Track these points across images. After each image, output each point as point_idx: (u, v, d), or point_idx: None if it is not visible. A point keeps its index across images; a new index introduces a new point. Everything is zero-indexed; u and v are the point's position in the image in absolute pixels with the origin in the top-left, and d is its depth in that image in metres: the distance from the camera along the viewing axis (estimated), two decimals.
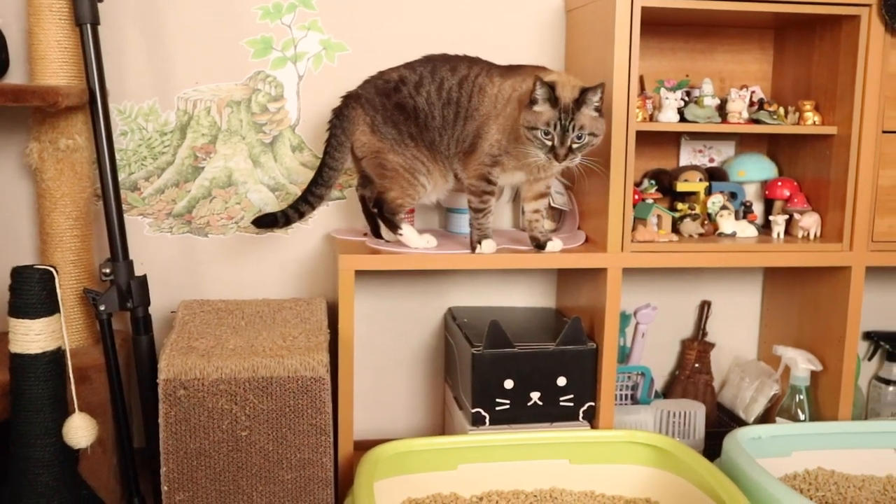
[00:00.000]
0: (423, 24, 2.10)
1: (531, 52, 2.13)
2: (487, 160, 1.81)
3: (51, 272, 1.62)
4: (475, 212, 1.85)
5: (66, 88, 1.72)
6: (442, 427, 2.27)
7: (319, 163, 1.88)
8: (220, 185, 2.08)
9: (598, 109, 1.74)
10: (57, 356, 1.63)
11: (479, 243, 1.85)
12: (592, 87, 1.71)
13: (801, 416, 2.08)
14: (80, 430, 1.63)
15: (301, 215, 1.90)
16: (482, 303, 2.25)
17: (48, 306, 1.62)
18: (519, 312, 2.20)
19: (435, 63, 1.85)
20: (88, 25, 1.76)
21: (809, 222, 2.02)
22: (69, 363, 1.66)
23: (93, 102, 1.78)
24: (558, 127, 1.70)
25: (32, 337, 1.60)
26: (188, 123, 2.05)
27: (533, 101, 1.71)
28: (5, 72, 1.89)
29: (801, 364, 2.06)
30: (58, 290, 1.63)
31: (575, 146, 1.71)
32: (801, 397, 2.08)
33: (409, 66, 1.86)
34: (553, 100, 1.71)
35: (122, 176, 2.02)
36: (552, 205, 2.04)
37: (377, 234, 1.97)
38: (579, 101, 1.71)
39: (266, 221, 1.89)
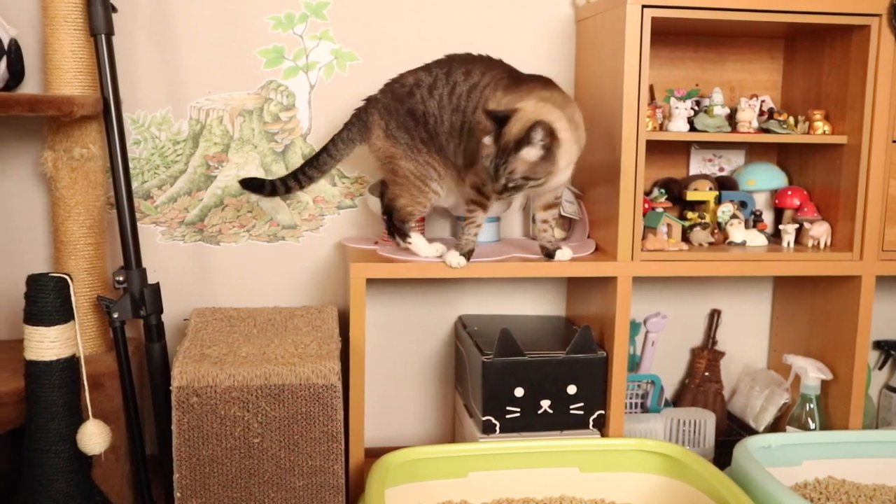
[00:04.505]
0: (434, 33, 2.11)
1: (541, 62, 2.14)
2: (483, 172, 1.80)
3: (66, 280, 1.63)
4: (463, 220, 1.86)
5: (81, 98, 1.74)
6: (452, 435, 2.27)
7: (321, 147, 1.91)
8: (233, 193, 2.10)
9: (546, 148, 1.64)
10: (71, 363, 1.64)
11: (448, 252, 1.85)
12: (533, 124, 1.62)
13: (812, 425, 2.07)
14: (93, 437, 1.64)
15: (288, 190, 1.95)
16: (492, 311, 2.26)
17: (63, 314, 1.63)
18: (529, 321, 2.20)
19: (452, 64, 1.84)
20: (103, 36, 1.78)
21: (819, 231, 2.02)
22: (83, 370, 1.67)
23: (107, 112, 1.80)
24: (494, 166, 1.67)
25: (47, 344, 1.61)
26: (201, 132, 2.07)
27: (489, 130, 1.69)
28: (21, 81, 1.90)
29: (812, 373, 2.06)
30: (72, 298, 1.64)
31: (511, 185, 1.67)
32: (812, 406, 2.08)
33: (427, 67, 1.86)
34: (497, 136, 1.66)
35: (135, 184, 2.04)
36: (562, 214, 2.04)
37: (393, 233, 1.95)
38: (520, 143, 1.63)
39: (253, 185, 1.95)
